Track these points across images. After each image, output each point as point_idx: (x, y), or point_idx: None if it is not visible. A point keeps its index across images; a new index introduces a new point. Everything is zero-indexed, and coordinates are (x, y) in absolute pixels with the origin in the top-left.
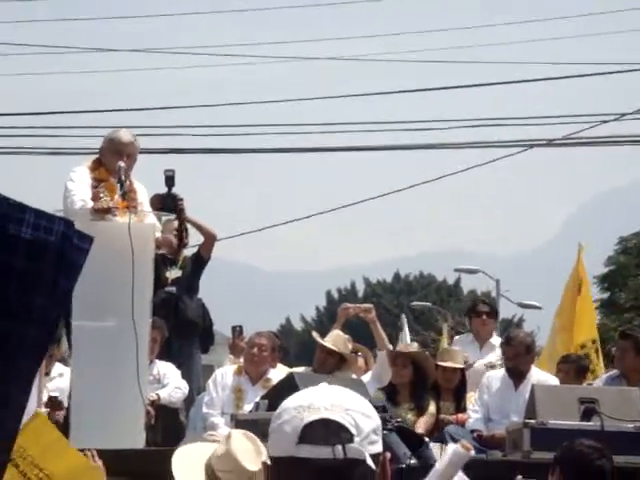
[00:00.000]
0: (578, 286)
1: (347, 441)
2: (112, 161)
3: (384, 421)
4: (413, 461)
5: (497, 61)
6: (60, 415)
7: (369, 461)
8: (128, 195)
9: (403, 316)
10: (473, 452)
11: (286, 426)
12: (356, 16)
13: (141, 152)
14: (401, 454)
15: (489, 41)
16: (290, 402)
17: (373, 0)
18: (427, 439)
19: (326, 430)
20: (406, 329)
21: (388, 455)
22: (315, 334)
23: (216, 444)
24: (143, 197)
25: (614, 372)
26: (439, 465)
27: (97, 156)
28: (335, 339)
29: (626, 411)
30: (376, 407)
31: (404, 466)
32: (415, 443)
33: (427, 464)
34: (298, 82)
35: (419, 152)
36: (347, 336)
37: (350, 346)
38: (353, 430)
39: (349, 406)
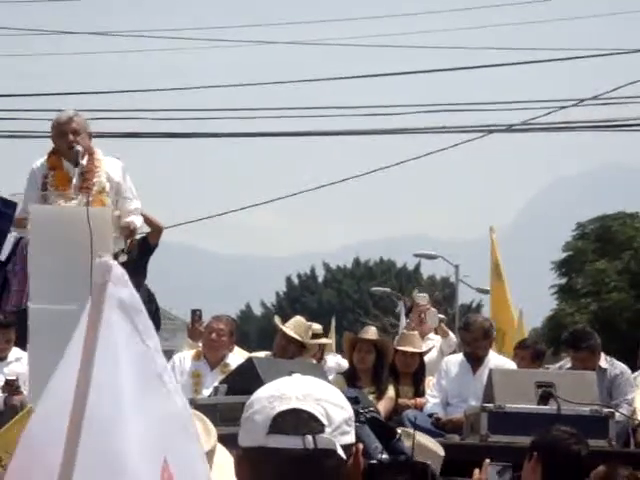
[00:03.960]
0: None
1: (318, 431)
2: (62, 144)
3: (356, 413)
4: (385, 456)
5: (456, 46)
6: (17, 400)
7: (340, 451)
8: (83, 176)
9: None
10: None
11: (257, 416)
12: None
13: (95, 136)
14: (372, 448)
15: (447, 26)
16: (262, 392)
17: None
18: (399, 430)
19: (297, 420)
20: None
21: (360, 446)
22: (277, 319)
23: None
24: (116, 173)
25: (566, 362)
26: None
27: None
28: (297, 327)
29: (582, 395)
30: (349, 399)
31: (375, 462)
32: (387, 435)
33: (398, 459)
34: (257, 66)
35: (379, 137)
36: (309, 323)
37: (311, 333)
38: (324, 420)
39: (320, 396)
